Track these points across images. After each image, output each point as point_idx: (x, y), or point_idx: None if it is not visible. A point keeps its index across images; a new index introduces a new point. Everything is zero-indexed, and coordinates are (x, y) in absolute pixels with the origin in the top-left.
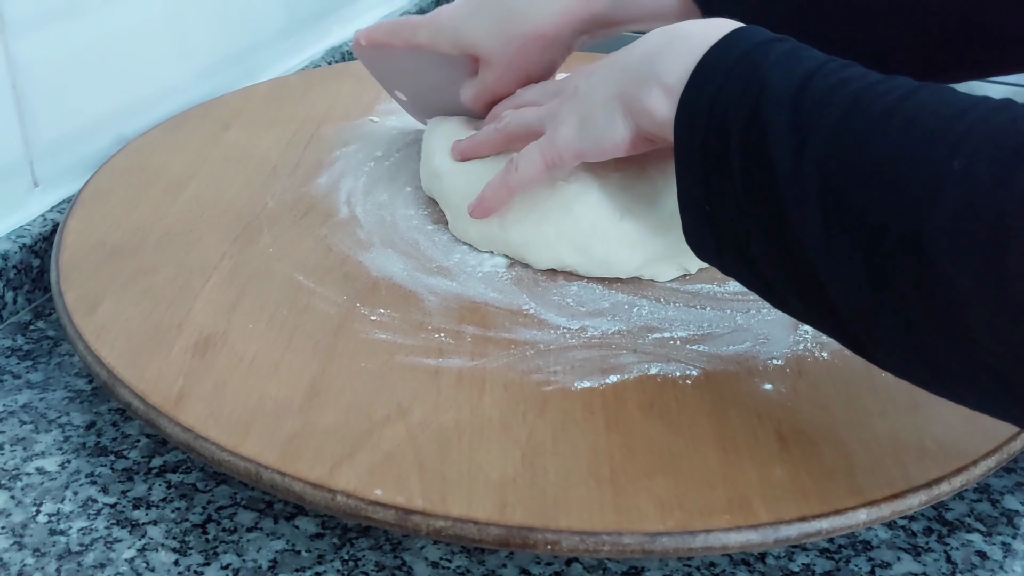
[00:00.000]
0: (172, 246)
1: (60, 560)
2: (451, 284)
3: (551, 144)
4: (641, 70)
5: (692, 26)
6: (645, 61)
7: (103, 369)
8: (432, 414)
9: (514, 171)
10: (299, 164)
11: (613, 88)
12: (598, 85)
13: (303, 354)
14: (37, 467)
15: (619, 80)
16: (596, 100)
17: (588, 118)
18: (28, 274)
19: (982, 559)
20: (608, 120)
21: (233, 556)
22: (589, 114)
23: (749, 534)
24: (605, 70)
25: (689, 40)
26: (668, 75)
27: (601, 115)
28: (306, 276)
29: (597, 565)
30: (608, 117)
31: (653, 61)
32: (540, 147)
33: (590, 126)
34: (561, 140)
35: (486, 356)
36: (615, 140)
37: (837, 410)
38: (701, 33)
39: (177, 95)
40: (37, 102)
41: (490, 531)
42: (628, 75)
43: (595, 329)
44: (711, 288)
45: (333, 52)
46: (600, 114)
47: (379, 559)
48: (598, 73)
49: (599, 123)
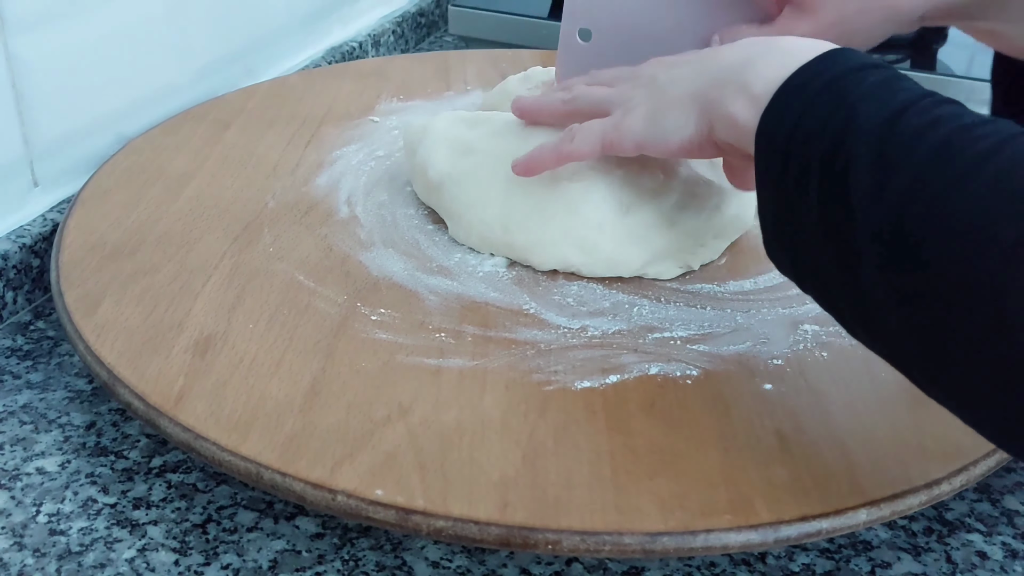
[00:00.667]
0: (172, 246)
1: (60, 560)
2: (452, 284)
3: (615, 126)
4: (729, 74)
5: (793, 41)
6: (736, 66)
7: (103, 369)
8: (433, 414)
9: (569, 141)
10: (299, 164)
11: (695, 86)
12: (679, 80)
13: (303, 354)
14: (37, 467)
15: (704, 80)
16: (674, 94)
17: (661, 110)
18: (28, 274)
19: (982, 559)
20: (681, 117)
21: (233, 556)
22: (663, 106)
23: (750, 534)
24: (689, 66)
25: (785, 54)
26: (756, 84)
27: (676, 110)
28: (306, 276)
29: (598, 565)
30: (682, 114)
31: (744, 68)
32: (603, 126)
33: (661, 119)
34: (627, 125)
35: (487, 356)
36: (682, 138)
37: (837, 410)
38: (800, 49)
39: (177, 95)
40: (37, 102)
41: (491, 531)
42: (714, 77)
43: (596, 329)
44: (711, 288)
45: (333, 52)
46: (675, 109)
47: (379, 559)
48: (681, 68)
49: (671, 118)
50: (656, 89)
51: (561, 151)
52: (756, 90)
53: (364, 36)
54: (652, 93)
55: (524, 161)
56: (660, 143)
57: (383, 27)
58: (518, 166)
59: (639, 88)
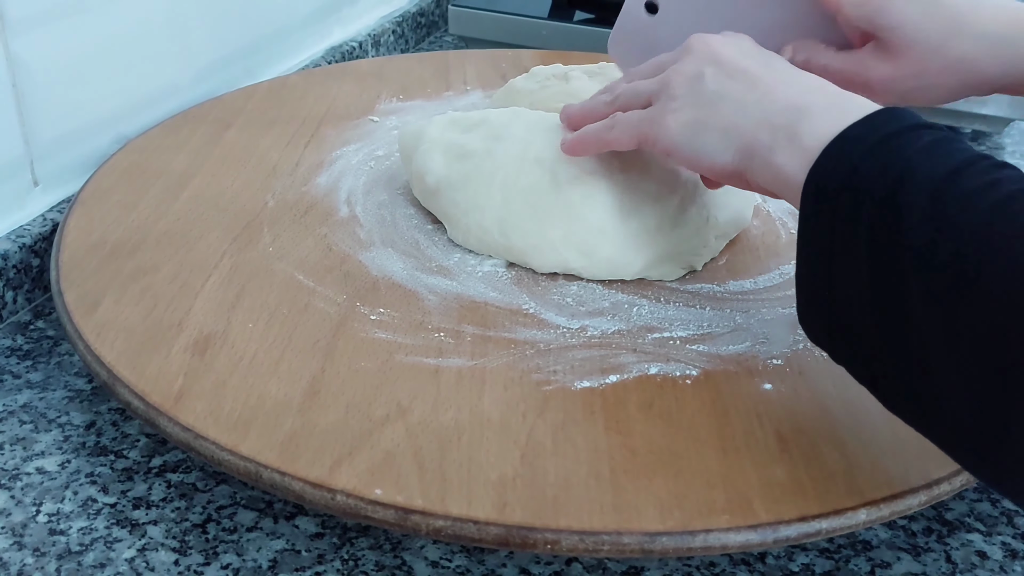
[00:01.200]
0: (172, 245)
1: (60, 560)
2: (451, 283)
3: (653, 122)
4: (783, 117)
5: (852, 98)
6: (791, 113)
7: (103, 368)
8: (432, 414)
9: (610, 128)
10: (299, 164)
11: (744, 120)
12: (729, 99)
13: (303, 353)
14: (37, 467)
15: (755, 117)
16: (720, 116)
17: (703, 126)
18: (28, 274)
19: (982, 559)
20: (721, 144)
21: (233, 556)
22: (706, 123)
23: (749, 534)
24: (743, 86)
25: (842, 111)
26: (809, 138)
27: (716, 133)
28: (306, 275)
29: (597, 565)
30: (723, 141)
31: (799, 119)
32: (641, 118)
33: (700, 136)
34: (664, 127)
35: (486, 356)
36: (713, 163)
37: (837, 410)
38: (858, 107)
39: (177, 95)
40: (37, 102)
41: (490, 531)
42: (766, 117)
43: (595, 329)
44: (711, 288)
45: (333, 52)
46: (717, 132)
47: (379, 559)
48: (734, 81)
49: (710, 140)
50: (703, 97)
51: (601, 138)
52: (808, 143)
53: (364, 36)
54: (698, 101)
55: (571, 141)
56: (691, 158)
57: (383, 27)
58: (565, 144)
59: (685, 84)
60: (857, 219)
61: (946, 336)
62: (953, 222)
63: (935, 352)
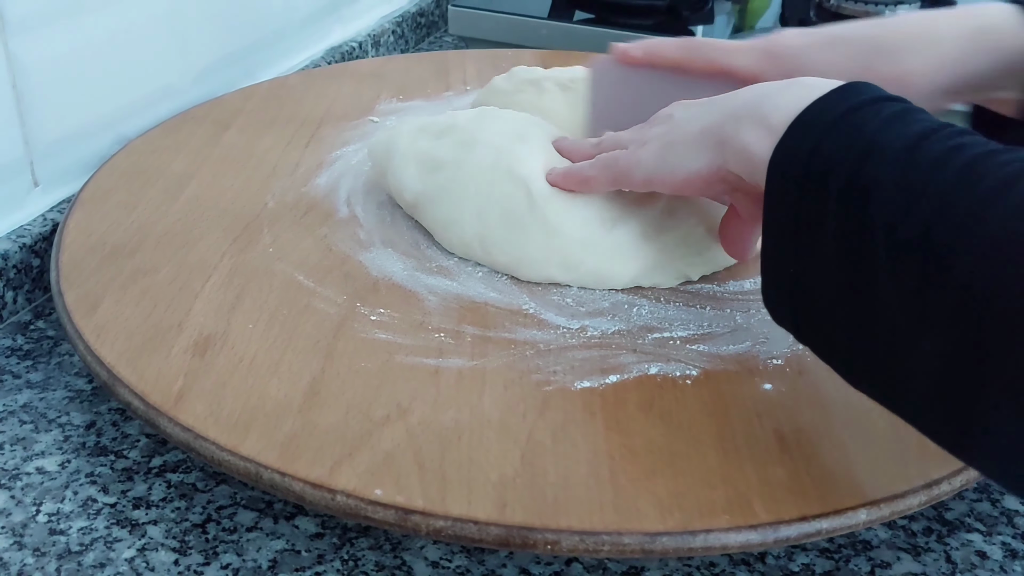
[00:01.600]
0: (172, 246)
1: (60, 560)
2: (451, 284)
3: (627, 159)
4: (747, 108)
5: (812, 78)
6: (753, 101)
7: (103, 369)
8: (432, 414)
9: (591, 166)
10: (299, 164)
11: (711, 120)
12: (695, 117)
13: (303, 354)
14: (37, 467)
15: (720, 115)
16: (688, 129)
17: (673, 144)
18: (28, 274)
19: (982, 559)
20: (692, 151)
21: (233, 556)
22: (675, 141)
23: (749, 534)
24: (707, 104)
25: (804, 87)
26: (773, 116)
27: (688, 144)
28: (306, 276)
29: (597, 565)
30: (695, 147)
31: (761, 102)
32: (616, 160)
33: (672, 153)
34: (636, 159)
35: (486, 356)
36: (690, 171)
37: (837, 410)
38: (818, 84)
39: (177, 95)
40: (37, 102)
41: (490, 531)
42: (731, 111)
43: (595, 329)
44: (711, 288)
45: (333, 52)
46: (687, 143)
47: (379, 559)
48: (699, 106)
49: (681, 151)
50: (672, 126)
51: (582, 174)
52: (773, 121)
53: (364, 36)
54: (668, 130)
55: (557, 176)
56: (668, 176)
57: (383, 27)
58: (551, 176)
59: (656, 126)
60: (823, 195)
61: (916, 308)
62: (919, 191)
63: (904, 326)
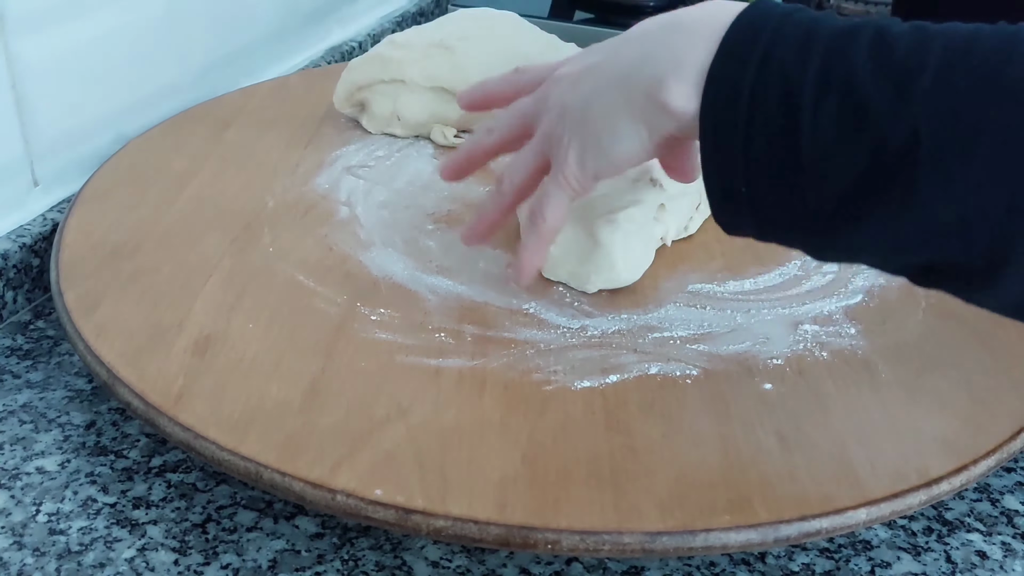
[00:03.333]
0: (172, 246)
1: (60, 560)
2: (451, 283)
3: (564, 176)
4: (644, 70)
5: (687, 14)
6: (644, 60)
7: (103, 368)
8: (432, 414)
9: (542, 221)
10: (299, 164)
11: (612, 97)
12: (591, 98)
13: (303, 354)
14: (37, 467)
15: (617, 87)
16: (593, 115)
17: (590, 136)
18: (28, 274)
19: (982, 559)
20: (614, 133)
21: (233, 556)
22: (590, 131)
23: (749, 534)
24: (593, 79)
25: (695, 27)
26: (685, 65)
27: (604, 130)
28: (306, 275)
29: (597, 565)
30: (615, 132)
31: (656, 57)
32: (556, 184)
33: (594, 144)
34: (570, 169)
35: (486, 356)
36: (626, 152)
37: (837, 410)
38: (706, 18)
39: (177, 95)
40: (37, 102)
41: (490, 531)
42: (627, 79)
43: (595, 328)
44: (710, 288)
45: (333, 52)
46: (602, 129)
47: (379, 559)
48: (584, 84)
49: (604, 139)
50: (574, 116)
51: (542, 231)
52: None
53: (364, 36)
54: (572, 123)
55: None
56: (608, 167)
57: (383, 27)
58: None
59: (556, 125)
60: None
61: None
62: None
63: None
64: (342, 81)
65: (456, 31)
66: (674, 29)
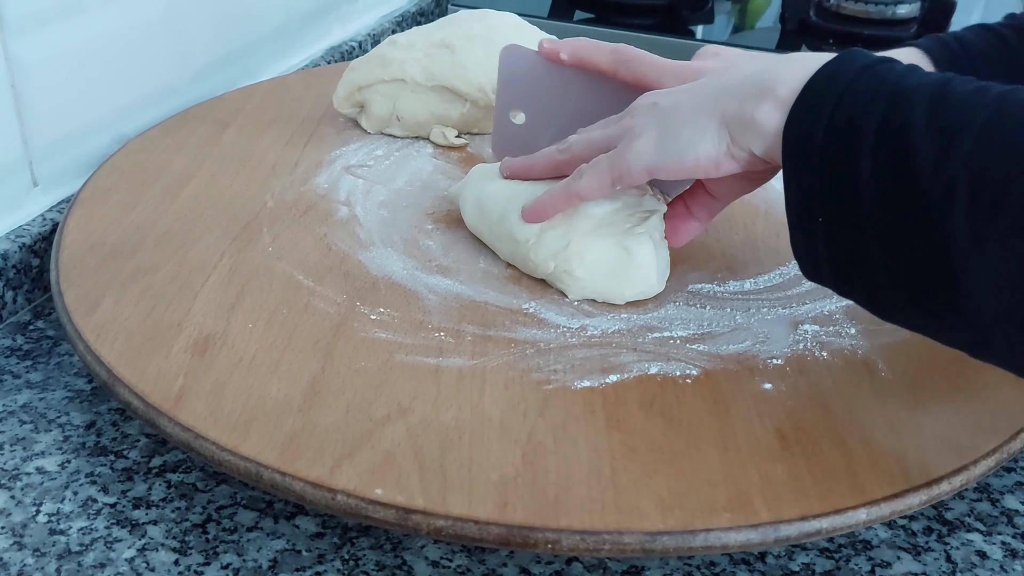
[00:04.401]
0: (172, 245)
1: (60, 560)
2: (451, 283)
3: (622, 156)
4: (746, 85)
5: (799, 54)
6: (750, 78)
7: (103, 369)
8: (432, 413)
9: (578, 179)
10: (299, 163)
11: (709, 103)
12: (686, 102)
13: (303, 353)
14: (37, 467)
15: (717, 96)
16: (683, 113)
17: (671, 130)
18: (28, 274)
19: (982, 559)
20: (697, 134)
21: (233, 556)
22: (673, 126)
23: (749, 533)
24: (694, 89)
25: (802, 60)
26: (781, 87)
27: (688, 128)
28: (306, 275)
29: (597, 564)
30: (697, 131)
31: (761, 77)
32: (610, 158)
33: (672, 139)
34: (634, 153)
35: (486, 355)
36: (699, 155)
37: (837, 409)
38: (814, 57)
39: (177, 95)
40: (37, 102)
41: (491, 530)
42: (729, 91)
43: (595, 328)
44: (710, 287)
45: (333, 52)
46: (687, 127)
47: (379, 558)
48: (683, 92)
49: (684, 136)
50: (660, 113)
51: (570, 190)
52: (782, 92)
53: (364, 36)
54: (657, 118)
55: (532, 208)
56: (674, 163)
57: (383, 27)
58: (527, 213)
59: (640, 116)
60: (854, 149)
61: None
62: (957, 127)
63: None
64: (343, 81)
65: (457, 31)
66: (786, 58)
